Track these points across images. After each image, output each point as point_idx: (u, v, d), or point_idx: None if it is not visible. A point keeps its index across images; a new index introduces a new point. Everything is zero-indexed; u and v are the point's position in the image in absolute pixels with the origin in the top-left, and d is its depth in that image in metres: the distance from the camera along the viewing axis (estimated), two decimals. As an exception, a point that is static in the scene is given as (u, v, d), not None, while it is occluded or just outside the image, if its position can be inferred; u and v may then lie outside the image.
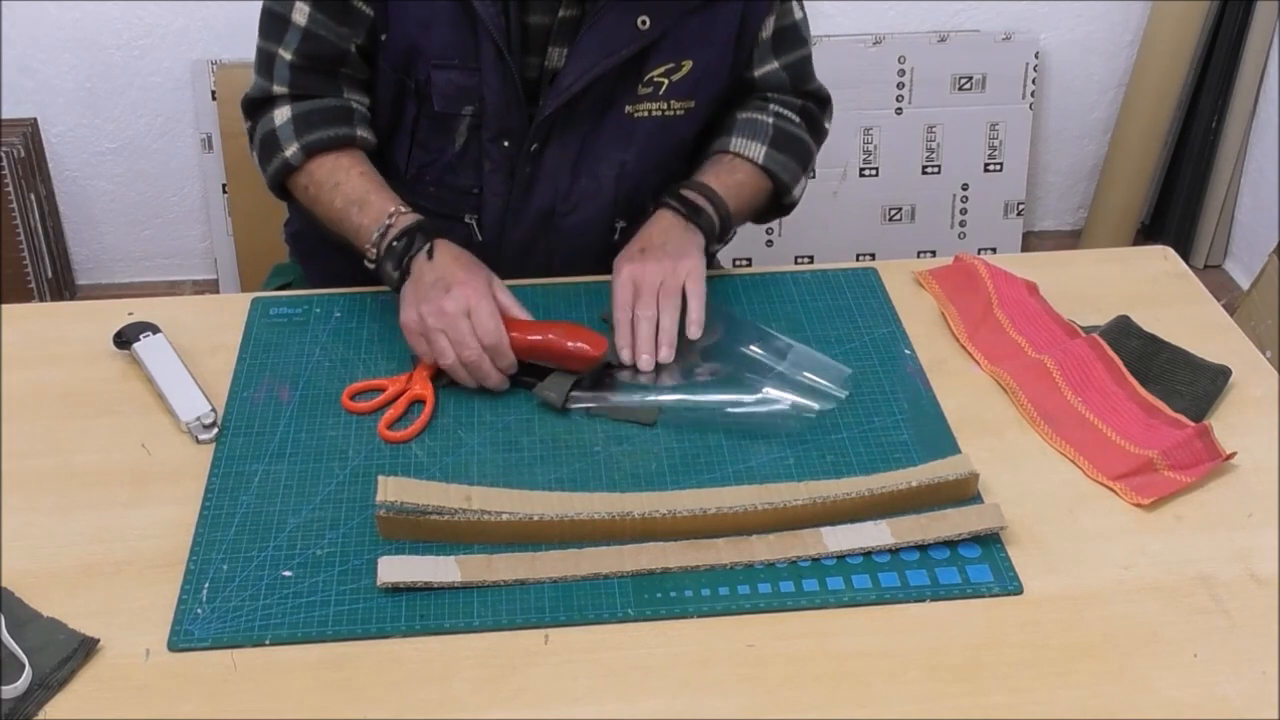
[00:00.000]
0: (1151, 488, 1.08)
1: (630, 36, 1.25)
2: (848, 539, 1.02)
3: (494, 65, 1.25)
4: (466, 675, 0.92)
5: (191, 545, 1.02)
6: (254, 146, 1.34)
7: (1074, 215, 2.89)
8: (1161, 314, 1.28)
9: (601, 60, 1.25)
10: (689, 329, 1.20)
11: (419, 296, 1.17)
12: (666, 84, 1.29)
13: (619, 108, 1.30)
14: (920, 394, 1.19)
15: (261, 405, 1.17)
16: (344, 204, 1.26)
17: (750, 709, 0.90)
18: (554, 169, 1.32)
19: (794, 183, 1.38)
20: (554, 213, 1.34)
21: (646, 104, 1.30)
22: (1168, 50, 2.56)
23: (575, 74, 1.25)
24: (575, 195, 1.34)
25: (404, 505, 1.01)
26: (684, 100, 1.31)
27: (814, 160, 1.42)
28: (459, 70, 1.26)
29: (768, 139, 1.35)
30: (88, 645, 0.93)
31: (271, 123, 1.30)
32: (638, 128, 1.31)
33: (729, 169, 1.34)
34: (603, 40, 1.24)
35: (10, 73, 2.44)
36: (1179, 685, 0.92)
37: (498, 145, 1.30)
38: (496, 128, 1.29)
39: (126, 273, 2.70)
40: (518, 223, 1.34)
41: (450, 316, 1.14)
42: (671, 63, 1.28)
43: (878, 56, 2.55)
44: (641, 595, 0.98)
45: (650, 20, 1.24)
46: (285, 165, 1.29)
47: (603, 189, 1.34)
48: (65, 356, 1.24)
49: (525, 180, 1.32)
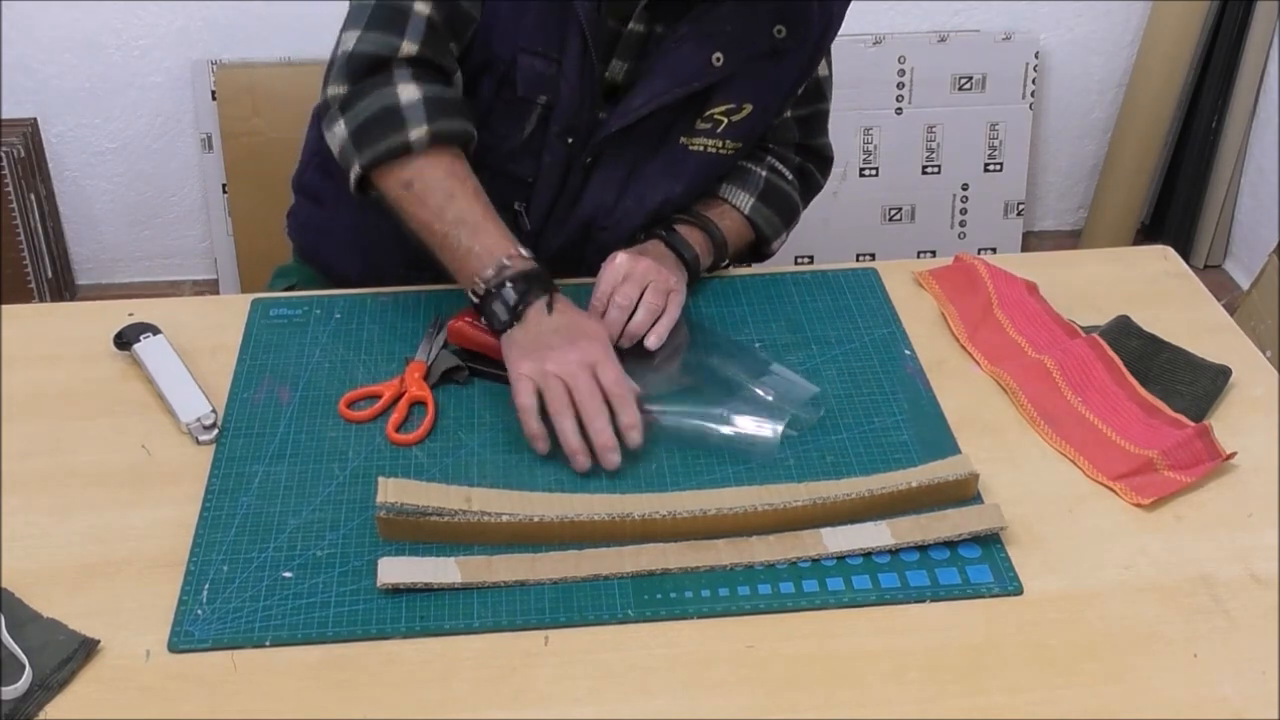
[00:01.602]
0: (1151, 488, 1.08)
1: (703, 71, 1.26)
2: (847, 539, 1.02)
3: (576, 60, 1.25)
4: (466, 675, 0.92)
5: (191, 546, 1.02)
6: (352, 116, 1.20)
7: (1074, 215, 2.89)
8: (1161, 314, 1.28)
9: (673, 88, 1.26)
10: (648, 338, 1.20)
11: (538, 344, 1.12)
12: (726, 123, 1.31)
13: (675, 138, 1.31)
14: (920, 394, 1.19)
15: (262, 406, 1.17)
16: (456, 218, 1.17)
17: (750, 709, 0.90)
18: (602, 185, 1.32)
19: (774, 236, 1.40)
20: (593, 226, 1.35)
21: (702, 139, 1.31)
22: (1168, 50, 2.56)
23: (645, 97, 1.26)
24: (618, 213, 1.34)
25: (404, 507, 1.01)
26: (736, 141, 1.33)
27: (798, 217, 1.44)
28: (543, 58, 1.26)
29: (757, 191, 1.37)
30: (88, 646, 0.93)
31: (394, 95, 1.18)
32: (689, 160, 1.32)
33: (718, 213, 1.36)
34: (677, 69, 1.25)
35: (10, 73, 2.44)
36: (1179, 685, 0.92)
37: (562, 141, 1.29)
38: (565, 122, 1.28)
39: (126, 273, 2.70)
40: (559, 229, 1.35)
41: (574, 366, 1.09)
42: (733, 103, 1.30)
43: (878, 56, 2.55)
44: (641, 596, 0.98)
45: (724, 58, 1.26)
46: (404, 147, 1.18)
47: (645, 212, 1.34)
48: (65, 356, 1.23)
49: (574, 191, 1.32)
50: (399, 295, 1.31)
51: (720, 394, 1.16)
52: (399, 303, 1.30)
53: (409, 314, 1.29)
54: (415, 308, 1.30)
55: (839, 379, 1.21)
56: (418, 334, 1.26)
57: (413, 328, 1.27)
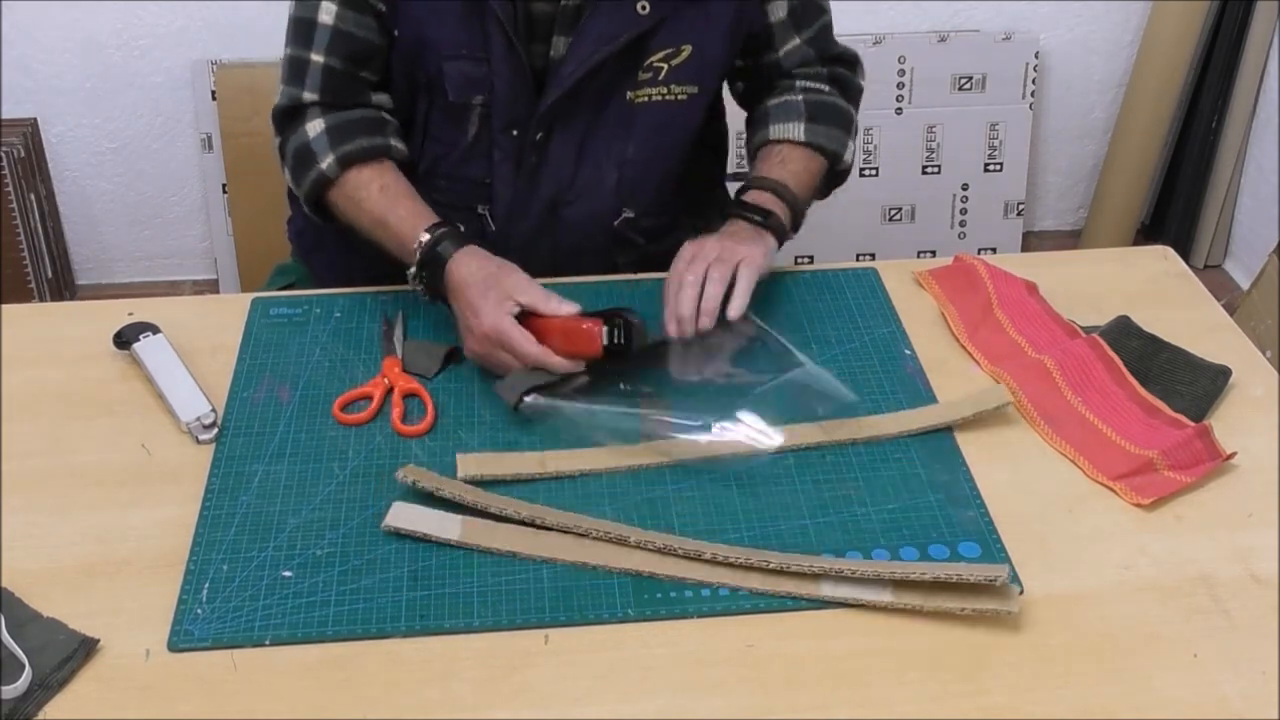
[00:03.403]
0: (1151, 488, 1.08)
1: (631, 22, 1.26)
2: (845, 590, 0.98)
3: (504, 54, 1.26)
4: (466, 675, 0.92)
5: (191, 545, 1.02)
6: (286, 161, 1.33)
7: (1074, 215, 2.89)
8: (1161, 314, 1.28)
9: (602, 47, 1.26)
10: (729, 309, 1.19)
11: (462, 326, 1.20)
12: (666, 69, 1.30)
13: (620, 95, 1.30)
14: (920, 394, 1.19)
15: (261, 405, 1.17)
16: (371, 222, 1.27)
17: (750, 709, 0.90)
18: (558, 158, 1.32)
19: (842, 149, 1.39)
20: (558, 203, 1.35)
21: (647, 89, 1.31)
22: (1168, 50, 2.56)
23: (576, 61, 1.26)
24: (578, 185, 1.34)
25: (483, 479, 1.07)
26: (685, 85, 1.32)
27: (856, 121, 1.42)
28: (469, 61, 1.27)
29: (803, 116, 1.37)
30: (88, 645, 0.93)
31: (305, 135, 1.30)
32: (639, 115, 1.32)
33: (779, 160, 1.35)
34: (603, 27, 1.25)
35: (10, 73, 2.44)
36: (1179, 685, 0.92)
37: (507, 135, 1.30)
38: (506, 117, 1.29)
39: (126, 273, 2.70)
40: (525, 214, 1.35)
41: (487, 354, 1.17)
42: (670, 48, 1.29)
43: (878, 56, 2.55)
44: (641, 595, 0.98)
45: (649, 6, 1.26)
46: (321, 178, 1.28)
47: (604, 179, 1.34)
48: (65, 356, 1.23)
49: (531, 170, 1.32)
50: (399, 295, 1.31)
51: (724, 402, 1.14)
52: (399, 302, 1.30)
53: (409, 312, 1.29)
54: (416, 306, 1.29)
55: (839, 379, 1.21)
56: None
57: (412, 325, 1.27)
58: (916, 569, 0.97)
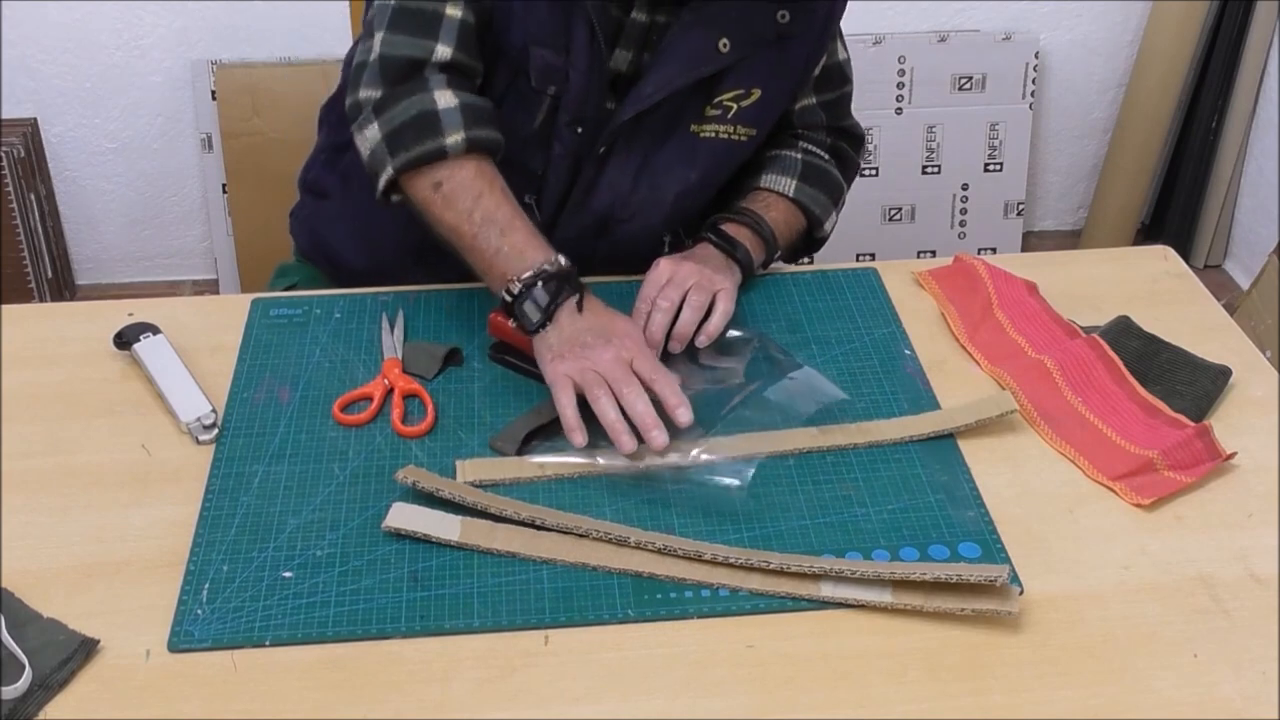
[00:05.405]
0: (1151, 488, 1.08)
1: (710, 57, 1.26)
2: (845, 590, 0.98)
3: (585, 50, 1.25)
4: (466, 675, 0.92)
5: (191, 546, 1.02)
6: (386, 119, 1.20)
7: (1074, 215, 2.89)
8: (1161, 314, 1.28)
9: (684, 74, 1.26)
10: (699, 337, 1.21)
11: (572, 343, 1.12)
12: (735, 109, 1.31)
13: (684, 125, 1.31)
14: (920, 394, 1.19)
15: (261, 406, 1.17)
16: (484, 219, 1.18)
17: (750, 709, 0.90)
18: (616, 176, 1.32)
19: (825, 216, 1.40)
20: (611, 218, 1.35)
21: (713, 125, 1.32)
22: (1168, 50, 2.56)
23: (655, 85, 1.26)
24: (635, 204, 1.34)
25: (482, 483, 1.07)
26: (749, 127, 1.33)
27: (845, 195, 1.44)
28: (551, 49, 1.26)
29: (797, 173, 1.38)
30: (88, 646, 0.93)
31: (432, 102, 1.19)
32: (701, 147, 1.32)
33: (764, 205, 1.36)
34: (684, 56, 1.26)
35: (10, 73, 2.44)
36: (1179, 685, 0.92)
37: (571, 130, 1.29)
38: (574, 113, 1.29)
39: (126, 273, 2.70)
40: (573, 221, 1.34)
41: (609, 362, 1.10)
42: (742, 89, 1.30)
43: (878, 56, 2.55)
44: (641, 596, 0.98)
45: (730, 45, 1.26)
46: (439, 152, 1.19)
47: (662, 202, 1.35)
48: (65, 356, 1.23)
49: (587, 183, 1.32)
50: (400, 294, 1.31)
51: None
52: (400, 302, 1.30)
53: (410, 312, 1.29)
54: (416, 307, 1.30)
55: (839, 379, 1.21)
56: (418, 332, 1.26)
57: (412, 326, 1.27)
58: (916, 569, 0.97)
